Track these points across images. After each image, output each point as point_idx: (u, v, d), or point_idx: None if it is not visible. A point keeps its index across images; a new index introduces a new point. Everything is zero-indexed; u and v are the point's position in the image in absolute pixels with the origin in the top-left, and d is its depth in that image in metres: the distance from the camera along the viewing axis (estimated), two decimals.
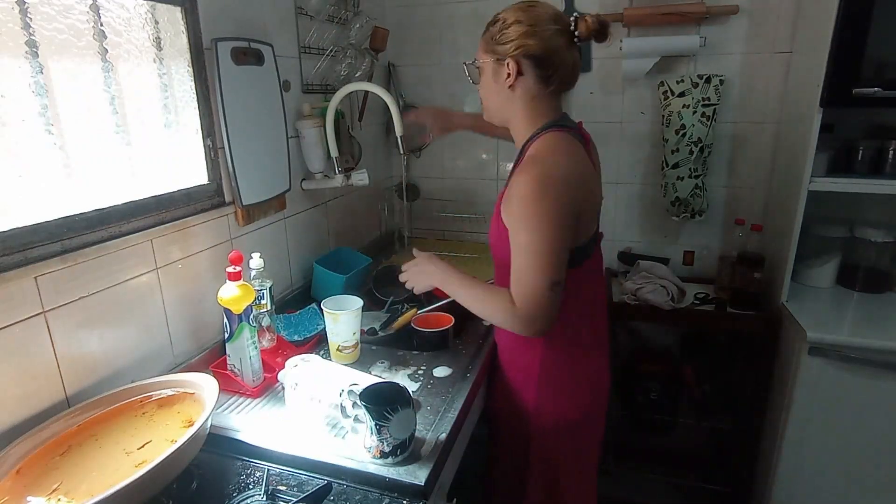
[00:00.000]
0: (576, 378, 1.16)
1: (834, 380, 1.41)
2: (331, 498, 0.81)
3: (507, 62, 1.01)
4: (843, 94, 1.32)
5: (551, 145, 1.00)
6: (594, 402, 1.22)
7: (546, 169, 0.96)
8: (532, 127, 1.05)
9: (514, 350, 1.19)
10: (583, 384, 1.18)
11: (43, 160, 0.85)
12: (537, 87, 1.03)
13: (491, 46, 1.03)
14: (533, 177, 0.94)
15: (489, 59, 1.04)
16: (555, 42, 0.99)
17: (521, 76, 1.01)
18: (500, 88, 1.05)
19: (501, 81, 1.03)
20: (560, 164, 0.97)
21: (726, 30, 1.68)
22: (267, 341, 1.19)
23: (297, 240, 1.53)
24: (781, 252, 1.57)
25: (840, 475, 1.48)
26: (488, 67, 1.05)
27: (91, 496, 0.65)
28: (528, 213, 0.94)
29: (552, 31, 0.99)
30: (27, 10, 0.80)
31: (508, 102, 1.06)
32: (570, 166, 0.98)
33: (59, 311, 0.87)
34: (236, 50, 1.18)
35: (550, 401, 1.16)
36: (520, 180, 0.96)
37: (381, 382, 0.91)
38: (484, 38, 1.06)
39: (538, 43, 0.98)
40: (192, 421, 0.86)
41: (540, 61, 1.00)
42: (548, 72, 1.01)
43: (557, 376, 1.14)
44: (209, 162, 1.20)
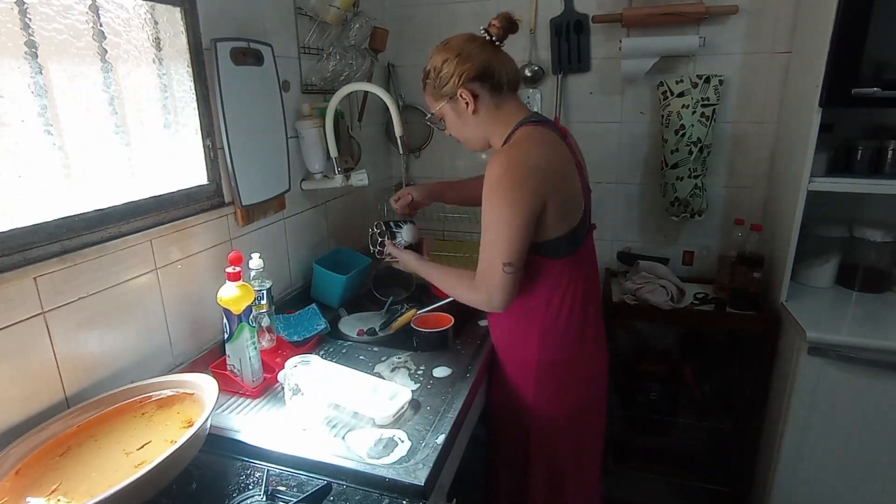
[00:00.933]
0: (573, 372, 1.18)
1: (833, 379, 1.41)
2: (331, 498, 0.81)
3: (459, 94, 1.08)
4: (843, 94, 1.32)
5: (522, 137, 1.06)
6: (593, 396, 1.24)
7: (513, 154, 1.02)
8: (505, 131, 1.11)
9: (510, 345, 1.21)
10: (580, 378, 1.20)
11: (42, 161, 0.85)
12: (494, 97, 1.10)
13: (438, 93, 1.11)
14: (500, 161, 1.01)
15: (443, 103, 1.12)
16: (483, 54, 1.07)
17: (476, 98, 1.08)
18: (467, 119, 1.12)
19: (464, 114, 1.11)
20: (529, 152, 1.02)
21: (725, 30, 1.68)
22: (266, 342, 1.19)
23: (297, 240, 1.53)
24: (781, 252, 1.57)
25: (840, 474, 1.48)
26: (447, 110, 1.13)
27: (90, 497, 0.65)
28: (491, 194, 1.00)
29: (475, 48, 1.07)
30: (26, 11, 0.80)
31: (480, 126, 1.13)
32: (541, 154, 1.03)
33: (59, 312, 0.87)
34: (236, 50, 1.18)
35: (549, 395, 1.18)
36: (490, 164, 1.02)
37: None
38: (427, 92, 1.14)
39: (472, 63, 1.06)
40: (191, 421, 0.86)
41: (483, 76, 1.07)
42: (494, 79, 1.08)
43: (555, 370, 1.17)
44: (209, 162, 1.20)
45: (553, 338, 1.15)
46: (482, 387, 1.23)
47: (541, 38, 1.84)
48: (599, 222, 1.97)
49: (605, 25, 1.75)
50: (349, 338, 1.34)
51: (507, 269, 1.00)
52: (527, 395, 1.19)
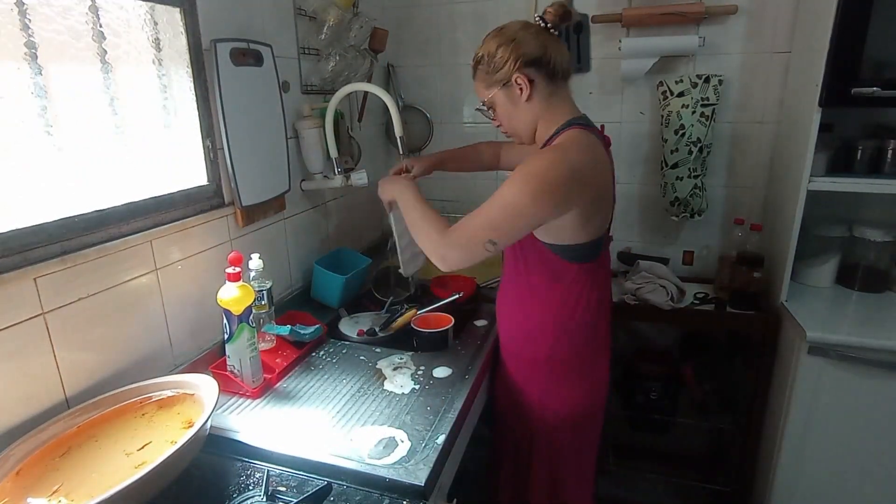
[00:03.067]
0: (582, 371, 1.19)
1: (833, 379, 1.41)
2: (331, 498, 0.81)
3: (514, 79, 1.04)
4: (842, 94, 1.32)
5: (573, 139, 1.03)
6: (596, 399, 1.25)
7: (560, 155, 0.99)
8: (554, 124, 1.08)
9: (520, 340, 1.21)
10: (587, 378, 1.21)
11: (42, 161, 0.85)
12: (549, 86, 1.07)
13: (490, 79, 1.07)
14: (545, 156, 0.99)
15: (496, 89, 1.07)
16: (540, 39, 1.04)
17: (532, 84, 1.05)
18: (520, 107, 1.08)
19: (518, 100, 1.07)
20: (574, 157, 0.99)
21: (725, 30, 1.68)
22: (266, 342, 1.19)
23: (297, 240, 1.53)
24: (781, 252, 1.57)
25: (840, 474, 1.48)
26: (500, 97, 1.08)
27: (91, 497, 0.65)
28: (521, 178, 0.97)
29: (530, 34, 1.04)
30: (26, 12, 0.80)
31: (531, 114, 1.09)
32: (585, 162, 1.00)
33: (59, 313, 0.87)
34: (235, 51, 1.18)
35: (556, 393, 1.18)
36: (533, 157, 0.99)
37: None
38: (478, 79, 1.10)
39: (529, 47, 1.03)
40: (191, 422, 0.86)
41: (540, 61, 1.04)
42: (550, 67, 1.05)
43: (564, 369, 1.17)
44: (208, 163, 1.20)
45: (566, 336, 1.15)
46: (483, 386, 1.23)
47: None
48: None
49: (604, 25, 1.75)
50: (349, 338, 1.34)
51: (489, 245, 0.99)
52: (533, 392, 1.19)
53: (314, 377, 1.14)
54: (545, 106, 1.08)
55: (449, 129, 2.08)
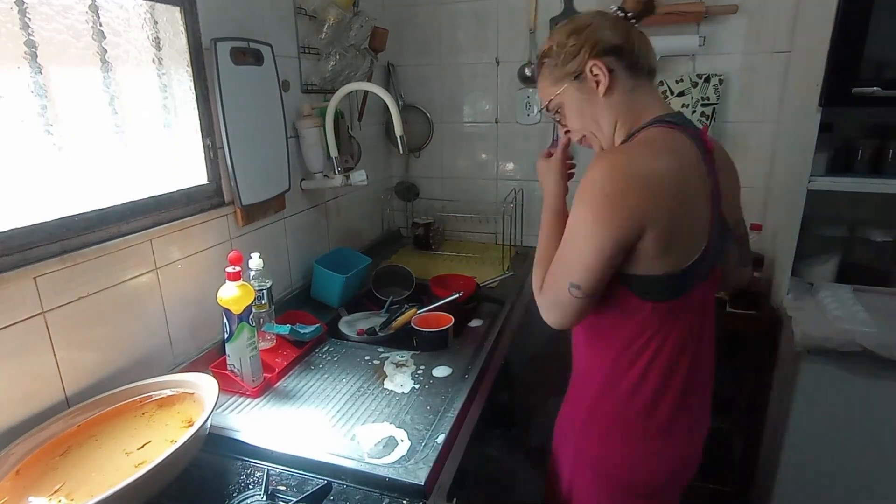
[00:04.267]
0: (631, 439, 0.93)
1: (833, 379, 1.41)
2: (331, 498, 0.81)
3: (589, 69, 0.86)
4: (843, 94, 1.32)
5: (649, 139, 0.83)
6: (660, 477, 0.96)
7: (621, 158, 0.80)
8: (634, 123, 0.88)
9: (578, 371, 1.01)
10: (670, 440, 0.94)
11: (42, 160, 0.85)
12: (631, 79, 0.87)
13: (559, 72, 0.89)
14: (602, 163, 0.79)
15: (566, 84, 0.89)
16: (620, 27, 0.87)
17: (612, 73, 0.86)
18: (596, 103, 0.88)
19: (594, 95, 0.88)
20: (642, 159, 0.79)
21: (725, 29, 1.68)
22: (266, 341, 1.19)
23: (297, 240, 1.53)
24: (781, 251, 1.57)
25: (841, 473, 1.48)
26: (571, 93, 0.90)
27: (91, 496, 0.65)
28: (581, 200, 0.80)
29: (610, 21, 0.88)
30: (26, 11, 0.80)
31: (611, 112, 0.88)
32: (658, 165, 0.78)
33: (59, 312, 0.87)
34: (235, 50, 1.18)
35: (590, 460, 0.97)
36: (593, 163, 0.81)
37: None
38: (543, 75, 0.93)
39: (607, 34, 0.86)
40: (191, 421, 0.86)
41: (621, 49, 0.86)
42: (632, 57, 0.86)
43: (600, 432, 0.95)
44: (208, 162, 1.20)
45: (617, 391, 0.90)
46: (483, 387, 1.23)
47: (541, 38, 1.84)
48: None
49: None
50: (349, 338, 1.34)
51: (574, 291, 0.81)
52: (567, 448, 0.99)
53: (314, 376, 1.14)
54: (627, 101, 0.87)
55: (449, 129, 2.08)
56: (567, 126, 0.95)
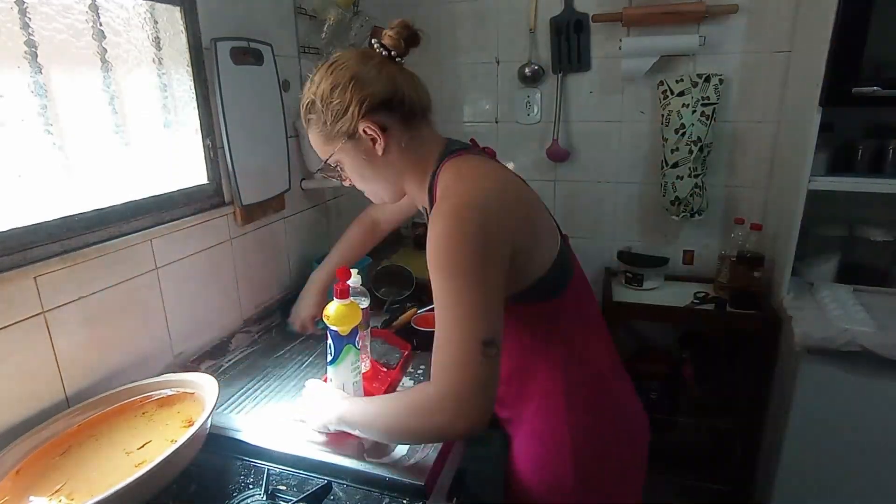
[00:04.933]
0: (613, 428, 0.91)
1: (833, 378, 1.41)
2: (331, 498, 0.81)
3: (361, 130, 0.81)
4: (843, 93, 1.32)
5: (454, 173, 0.81)
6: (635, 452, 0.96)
7: (458, 199, 0.74)
8: (427, 170, 0.86)
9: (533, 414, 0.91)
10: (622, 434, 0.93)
11: (42, 160, 0.86)
12: (408, 130, 0.84)
13: (328, 131, 0.83)
14: (444, 213, 0.73)
15: (340, 143, 0.83)
16: (385, 72, 0.82)
17: (385, 132, 0.82)
18: (375, 162, 0.85)
19: (371, 155, 0.84)
20: (474, 189, 0.76)
21: (725, 29, 1.68)
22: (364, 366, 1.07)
23: (297, 240, 1.53)
24: (781, 251, 1.57)
25: (840, 473, 1.48)
26: (346, 153, 0.84)
27: (91, 496, 0.65)
28: (443, 258, 0.72)
29: (372, 68, 0.82)
30: (26, 10, 0.80)
31: (391, 169, 0.86)
32: (488, 186, 0.77)
33: (59, 312, 0.87)
34: (236, 50, 1.18)
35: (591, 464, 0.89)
36: (432, 223, 0.74)
37: None
38: (312, 130, 0.86)
39: (374, 86, 0.80)
40: (191, 421, 0.86)
41: (390, 102, 0.81)
42: (404, 108, 0.83)
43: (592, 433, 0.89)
44: (208, 162, 1.20)
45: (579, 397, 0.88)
46: None
47: (541, 38, 1.84)
48: (599, 222, 1.98)
49: (604, 24, 1.75)
50: None
51: (490, 349, 0.70)
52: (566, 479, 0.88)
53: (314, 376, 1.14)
54: (409, 155, 0.85)
55: (449, 129, 2.07)
56: (349, 181, 0.91)
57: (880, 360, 1.34)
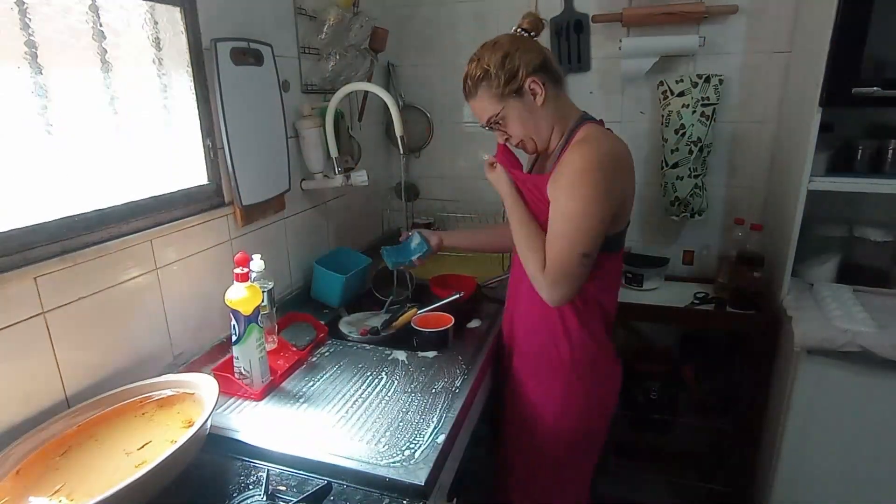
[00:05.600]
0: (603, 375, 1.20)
1: (833, 379, 1.41)
2: (331, 498, 0.81)
3: (527, 86, 1.05)
4: (843, 94, 1.32)
5: (599, 132, 1.07)
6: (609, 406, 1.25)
7: (601, 147, 1.02)
8: (566, 124, 1.11)
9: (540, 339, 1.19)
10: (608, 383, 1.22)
11: (42, 161, 0.85)
12: (555, 88, 1.10)
13: (500, 91, 1.06)
14: (588, 151, 1.00)
15: (509, 100, 1.07)
16: (536, 47, 1.08)
17: (545, 87, 1.06)
18: (535, 112, 1.08)
19: (534, 106, 1.08)
20: (612, 147, 1.04)
21: (725, 29, 1.68)
22: (268, 343, 1.18)
23: (297, 240, 1.53)
24: (781, 251, 1.57)
25: (840, 473, 1.48)
26: (514, 107, 1.08)
27: (91, 496, 0.65)
28: (578, 182, 0.99)
29: (527, 41, 1.08)
30: (26, 11, 0.80)
31: (546, 119, 1.10)
32: (620, 150, 1.05)
33: (59, 312, 0.87)
34: (236, 50, 1.18)
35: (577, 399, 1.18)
36: (574, 155, 1.01)
37: None
38: (482, 96, 1.08)
39: (532, 54, 1.05)
40: (191, 421, 0.86)
41: (545, 66, 1.07)
42: (552, 72, 1.08)
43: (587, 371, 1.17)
44: (209, 162, 1.20)
45: (589, 338, 1.15)
46: (483, 386, 1.23)
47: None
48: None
49: (604, 25, 1.75)
50: (350, 338, 1.34)
51: (585, 259, 1.00)
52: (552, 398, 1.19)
53: (314, 377, 1.14)
54: (557, 108, 1.10)
55: (449, 129, 2.08)
56: (508, 134, 1.13)
57: (880, 360, 1.34)
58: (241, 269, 1.00)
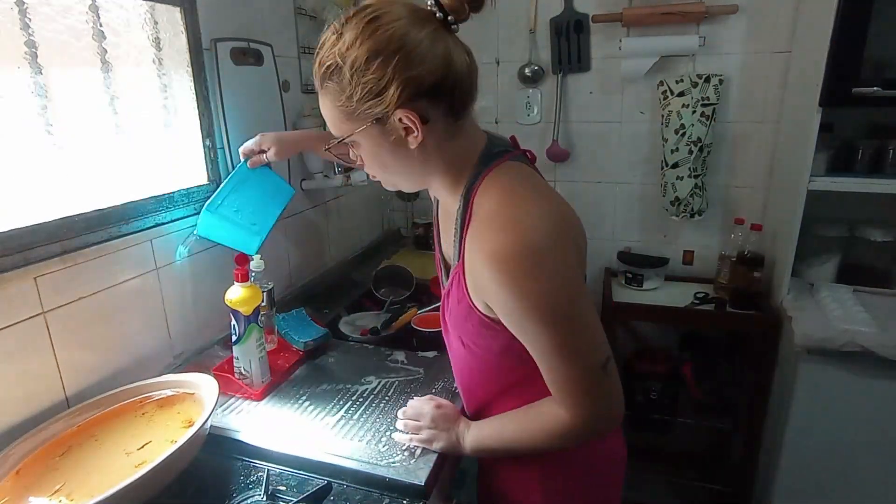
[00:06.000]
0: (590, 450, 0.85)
1: (833, 379, 1.41)
2: (331, 498, 0.81)
3: (395, 118, 0.65)
4: (843, 94, 1.32)
5: (501, 193, 0.70)
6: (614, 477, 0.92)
7: (525, 237, 0.64)
8: (463, 172, 0.73)
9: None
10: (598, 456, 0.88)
11: (42, 160, 0.85)
12: (452, 124, 0.70)
13: (354, 109, 0.66)
14: (513, 255, 0.64)
15: (363, 125, 0.67)
16: (439, 48, 0.64)
17: (426, 124, 0.66)
18: (401, 155, 0.70)
19: (400, 145, 0.68)
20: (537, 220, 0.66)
21: (725, 29, 1.68)
22: (269, 343, 1.18)
23: (297, 240, 1.53)
24: (781, 251, 1.57)
25: (840, 473, 1.48)
26: (371, 138, 0.69)
27: (91, 496, 0.65)
28: (532, 305, 0.65)
29: (425, 37, 0.64)
30: (26, 11, 0.80)
31: (421, 165, 0.71)
32: (547, 210, 0.68)
33: (59, 312, 0.87)
34: (236, 50, 1.18)
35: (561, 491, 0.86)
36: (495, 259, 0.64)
37: None
38: (330, 103, 0.69)
39: (425, 66, 0.63)
40: (192, 421, 0.86)
41: (440, 89, 0.65)
42: (454, 95, 0.67)
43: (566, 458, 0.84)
44: (209, 162, 1.20)
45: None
46: None
47: (541, 38, 1.84)
48: (599, 222, 1.98)
49: (605, 25, 1.75)
50: (350, 337, 1.34)
51: (609, 365, 0.71)
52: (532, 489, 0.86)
53: (314, 377, 1.14)
54: (444, 152, 0.71)
55: None
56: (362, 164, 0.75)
57: (880, 360, 1.34)
58: (241, 269, 1.00)
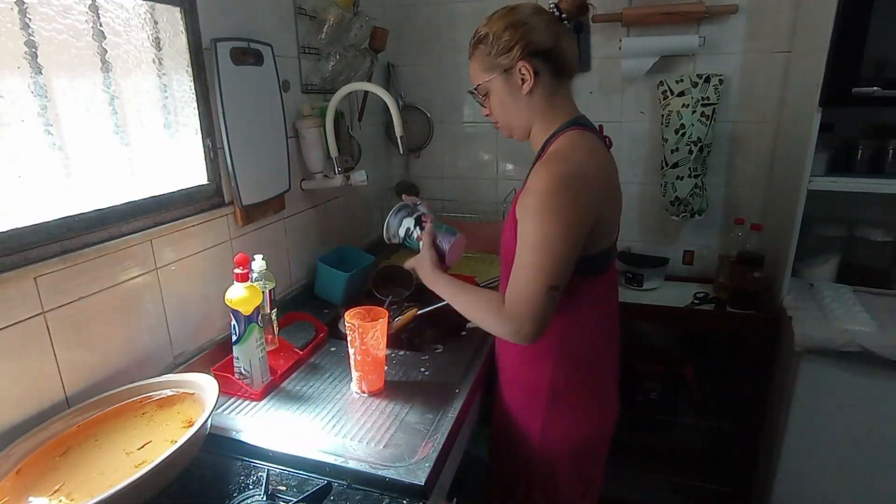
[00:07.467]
0: (586, 400, 1.07)
1: (833, 379, 1.41)
2: (331, 498, 0.81)
3: (518, 68, 0.94)
4: (843, 94, 1.32)
5: (575, 143, 0.94)
6: (602, 431, 1.13)
7: (568, 165, 0.90)
8: (552, 125, 0.99)
9: (520, 366, 1.09)
10: (593, 407, 1.09)
11: (42, 160, 0.85)
12: (553, 82, 0.97)
13: (490, 62, 0.96)
14: (553, 172, 0.88)
15: (494, 74, 0.97)
16: (552, 29, 0.95)
17: (537, 76, 0.95)
18: (518, 99, 0.98)
19: (517, 92, 0.97)
20: (583, 162, 0.91)
21: (725, 29, 1.68)
22: (269, 343, 1.17)
23: (297, 240, 1.53)
24: (781, 251, 1.57)
25: (840, 473, 1.48)
26: (497, 84, 0.98)
27: (91, 496, 0.65)
28: (541, 208, 0.87)
29: (542, 21, 0.95)
30: (26, 11, 0.80)
31: (530, 111, 0.99)
32: (594, 165, 0.92)
33: (59, 312, 0.87)
34: (236, 50, 1.18)
35: (558, 424, 1.06)
36: (538, 175, 0.89)
37: None
38: (476, 59, 0.99)
39: (541, 36, 0.93)
40: (191, 421, 0.86)
41: (549, 54, 0.95)
42: (558, 63, 0.96)
43: (567, 398, 1.05)
44: (208, 162, 1.20)
45: (571, 360, 1.03)
46: (482, 387, 1.23)
47: None
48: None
49: (604, 25, 1.75)
50: None
51: (553, 293, 0.88)
52: (534, 424, 1.07)
53: (315, 377, 1.14)
54: (546, 104, 0.98)
55: (449, 129, 2.08)
56: (488, 111, 1.04)
57: (880, 360, 1.34)
58: (241, 270, 1.01)
